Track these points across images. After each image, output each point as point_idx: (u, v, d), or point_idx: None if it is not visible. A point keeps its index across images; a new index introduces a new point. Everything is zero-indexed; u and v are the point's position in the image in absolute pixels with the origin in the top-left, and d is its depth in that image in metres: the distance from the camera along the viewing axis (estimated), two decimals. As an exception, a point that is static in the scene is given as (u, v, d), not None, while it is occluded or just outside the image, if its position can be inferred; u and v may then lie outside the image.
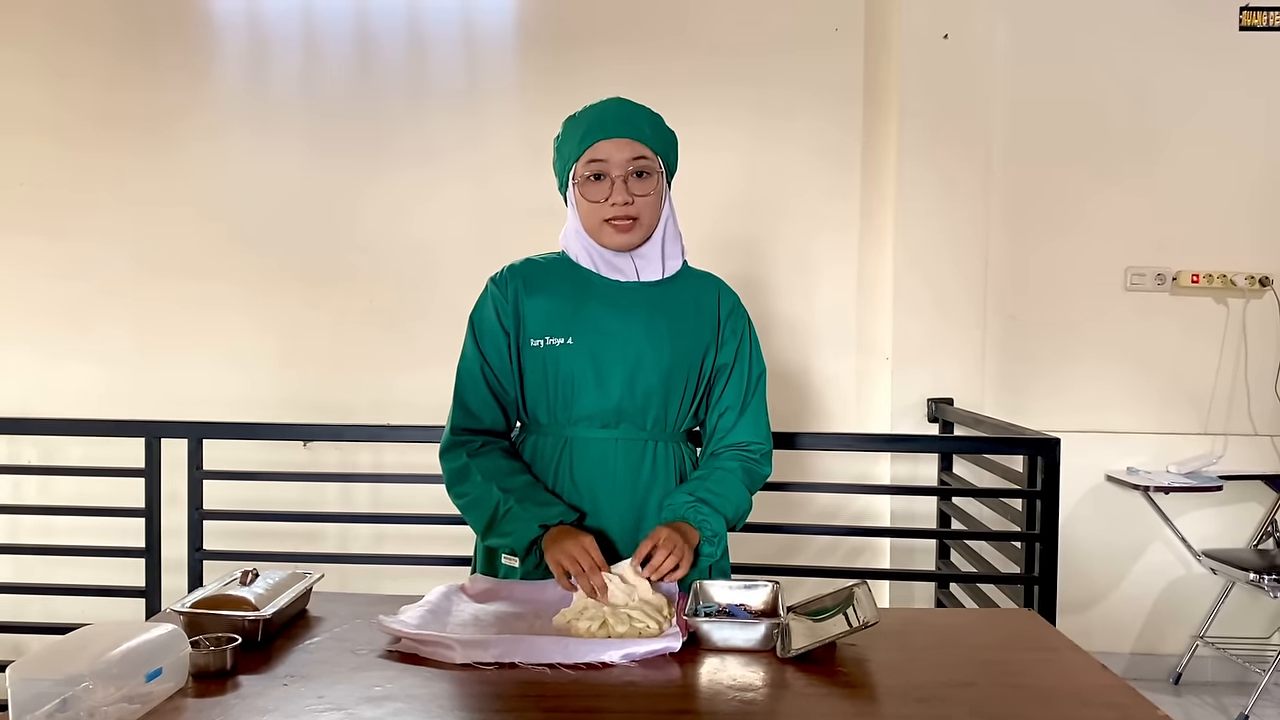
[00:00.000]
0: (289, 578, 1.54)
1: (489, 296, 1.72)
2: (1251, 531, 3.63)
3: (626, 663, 1.33)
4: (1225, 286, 3.59)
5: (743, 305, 1.81)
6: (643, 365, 1.66)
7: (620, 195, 1.63)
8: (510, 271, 1.73)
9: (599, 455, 1.68)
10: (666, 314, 1.70)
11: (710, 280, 1.80)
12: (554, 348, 1.66)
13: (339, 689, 1.25)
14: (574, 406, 1.67)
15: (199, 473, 2.70)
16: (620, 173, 1.63)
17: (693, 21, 3.67)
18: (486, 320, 1.71)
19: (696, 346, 1.72)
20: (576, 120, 1.69)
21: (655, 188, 1.66)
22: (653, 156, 1.67)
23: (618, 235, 1.66)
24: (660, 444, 1.71)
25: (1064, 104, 3.60)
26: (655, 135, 1.68)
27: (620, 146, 1.63)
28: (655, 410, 1.69)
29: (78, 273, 3.73)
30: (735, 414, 1.74)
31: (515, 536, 1.60)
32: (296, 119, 3.73)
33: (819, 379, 3.74)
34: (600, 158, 1.64)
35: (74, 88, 3.72)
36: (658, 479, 1.70)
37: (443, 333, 3.66)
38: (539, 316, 1.68)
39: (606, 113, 1.67)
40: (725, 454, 1.74)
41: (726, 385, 1.75)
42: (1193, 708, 3.40)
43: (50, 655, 1.13)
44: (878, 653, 1.39)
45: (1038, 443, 2.60)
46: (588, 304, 1.68)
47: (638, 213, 1.64)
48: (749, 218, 3.68)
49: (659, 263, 1.71)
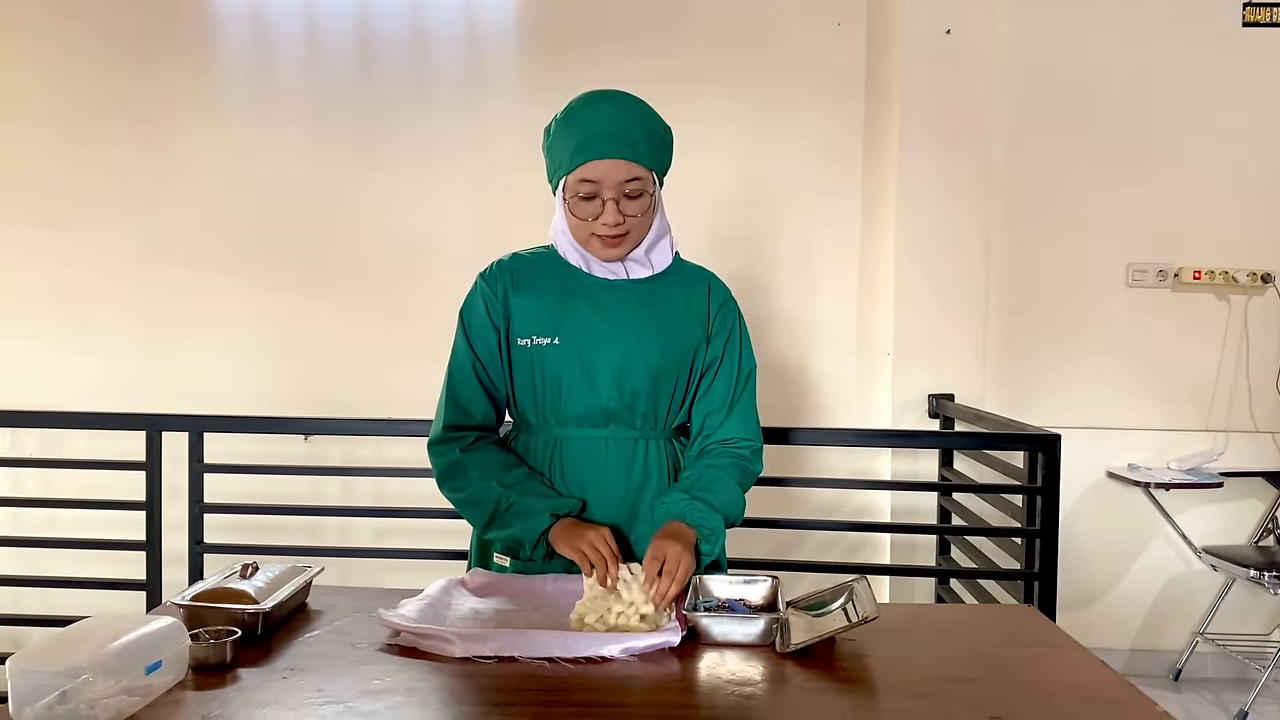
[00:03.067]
0: (289, 571, 1.54)
1: (479, 293, 1.70)
2: (1252, 528, 3.63)
3: (626, 657, 1.33)
4: (1227, 283, 3.59)
5: (734, 300, 1.78)
6: (631, 365, 1.65)
7: (611, 216, 1.59)
8: (499, 268, 1.72)
9: (590, 454, 1.67)
10: (655, 312, 1.68)
11: (701, 274, 1.78)
12: (541, 347, 1.65)
13: (339, 682, 1.25)
14: (562, 407, 1.66)
15: (200, 466, 2.70)
16: (612, 194, 1.59)
17: (694, 16, 3.66)
18: (476, 316, 1.70)
19: (685, 344, 1.70)
20: (570, 124, 1.62)
21: (647, 206, 1.63)
22: (646, 174, 1.62)
23: (606, 249, 1.64)
24: (651, 441, 1.71)
25: (1066, 99, 3.59)
26: (649, 151, 1.62)
27: (614, 168, 1.58)
28: (644, 409, 1.68)
29: (78, 264, 3.72)
30: (725, 410, 1.72)
31: (523, 528, 1.59)
32: (298, 110, 3.72)
33: (820, 374, 3.73)
34: (592, 178, 1.59)
35: (73, 77, 3.71)
36: (650, 477, 1.69)
37: (444, 327, 3.65)
38: (526, 315, 1.67)
39: (600, 126, 1.59)
40: (715, 450, 1.71)
41: (715, 381, 1.72)
42: (1192, 704, 3.40)
43: (50, 648, 1.13)
44: (877, 648, 1.39)
45: (1038, 439, 2.60)
46: (575, 303, 1.67)
47: (628, 229, 1.62)
48: (749, 213, 3.67)
49: (647, 262, 1.70)
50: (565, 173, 1.62)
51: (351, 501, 3.56)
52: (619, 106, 1.63)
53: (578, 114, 1.63)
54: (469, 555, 1.81)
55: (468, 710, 1.18)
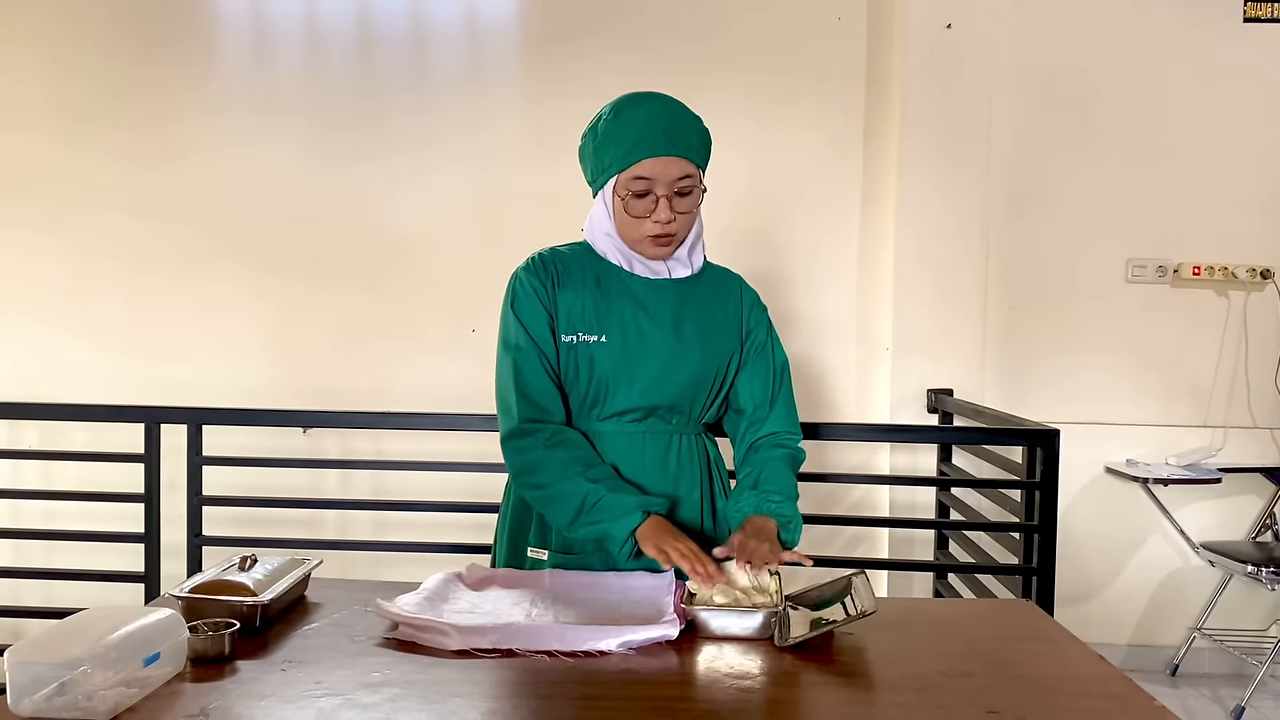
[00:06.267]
0: (288, 564, 1.54)
1: (527, 285, 1.69)
2: (1250, 524, 3.63)
3: (624, 651, 1.33)
4: (1226, 279, 3.59)
5: (761, 300, 1.83)
6: (674, 364, 1.68)
7: (664, 214, 1.63)
8: (543, 260, 1.72)
9: (627, 448, 1.69)
10: (694, 312, 1.72)
11: (731, 277, 1.83)
12: (587, 344, 1.66)
13: (337, 674, 1.25)
14: (605, 403, 1.68)
15: (198, 458, 2.70)
16: (666, 191, 1.63)
17: (694, 10, 3.65)
18: (531, 307, 1.68)
19: (724, 344, 1.74)
20: (623, 124, 1.64)
21: (696, 204, 1.67)
22: (696, 172, 1.66)
23: (656, 248, 1.67)
24: (685, 436, 1.73)
25: (1066, 94, 3.58)
26: (700, 148, 1.67)
27: (668, 165, 1.62)
28: (682, 406, 1.71)
29: (77, 257, 3.72)
30: (767, 406, 1.77)
31: (613, 525, 1.59)
32: (298, 105, 3.71)
33: (819, 369, 3.73)
34: (647, 175, 1.62)
35: (72, 74, 3.70)
36: (684, 470, 1.72)
37: (443, 320, 3.71)
38: (571, 311, 1.67)
39: (656, 124, 1.62)
40: (764, 444, 1.75)
41: (755, 379, 1.77)
42: (1190, 699, 3.41)
43: (48, 639, 1.13)
44: (876, 642, 1.39)
45: (1037, 434, 2.60)
46: (618, 301, 1.68)
47: (678, 229, 1.66)
48: (749, 207, 3.66)
49: (687, 262, 1.74)
50: (618, 170, 1.64)
51: (350, 494, 3.56)
52: (669, 106, 1.68)
53: (628, 113, 1.65)
54: (494, 550, 1.81)
55: (466, 703, 1.17)
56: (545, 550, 1.70)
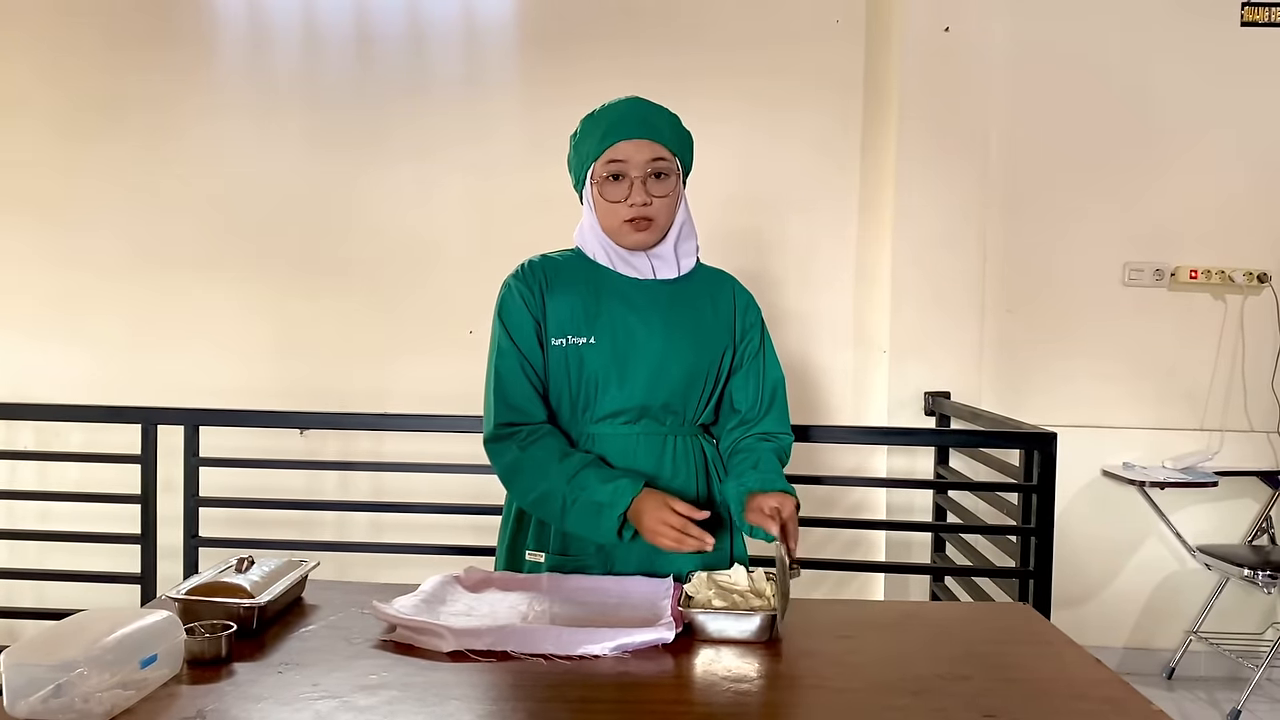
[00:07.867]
0: (284, 565, 1.54)
1: (515, 291, 1.70)
2: (1246, 527, 3.63)
3: (619, 654, 1.33)
4: (1223, 282, 3.59)
5: (755, 302, 1.83)
6: (665, 365, 1.68)
7: (639, 196, 1.65)
8: (532, 266, 1.73)
9: (621, 450, 1.69)
10: (686, 312, 1.72)
11: (724, 276, 1.83)
12: (577, 346, 1.67)
13: (334, 677, 1.25)
14: (596, 405, 1.69)
15: (195, 460, 2.70)
16: (639, 173, 1.65)
17: (693, 14, 3.65)
18: (517, 313, 1.69)
19: (716, 344, 1.74)
20: (596, 119, 1.70)
21: (673, 189, 1.69)
22: (671, 157, 1.69)
23: (635, 234, 1.68)
24: (679, 437, 1.73)
25: (1063, 98, 3.59)
26: (673, 136, 1.70)
27: (640, 147, 1.65)
28: (675, 407, 1.71)
29: (74, 259, 3.71)
30: (760, 408, 1.77)
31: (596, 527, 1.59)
32: (296, 108, 3.71)
33: (816, 371, 3.73)
34: (620, 158, 1.65)
35: (70, 73, 3.70)
36: (679, 471, 1.72)
37: (440, 322, 3.70)
38: (560, 315, 1.68)
39: (626, 113, 1.68)
40: (752, 440, 1.75)
41: (749, 384, 1.77)
42: (1186, 702, 3.41)
43: (45, 641, 1.13)
44: (873, 646, 1.40)
45: (1034, 437, 2.60)
46: (608, 302, 1.69)
47: (655, 214, 1.67)
48: (746, 210, 3.67)
49: (674, 261, 1.74)
50: (593, 159, 1.67)
51: (348, 496, 3.56)
52: (641, 100, 1.74)
53: (602, 109, 1.72)
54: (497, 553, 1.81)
55: (463, 706, 1.17)
56: (543, 553, 1.70)
